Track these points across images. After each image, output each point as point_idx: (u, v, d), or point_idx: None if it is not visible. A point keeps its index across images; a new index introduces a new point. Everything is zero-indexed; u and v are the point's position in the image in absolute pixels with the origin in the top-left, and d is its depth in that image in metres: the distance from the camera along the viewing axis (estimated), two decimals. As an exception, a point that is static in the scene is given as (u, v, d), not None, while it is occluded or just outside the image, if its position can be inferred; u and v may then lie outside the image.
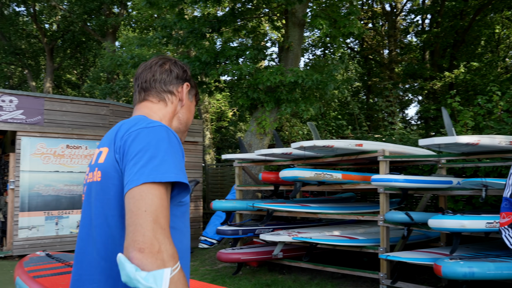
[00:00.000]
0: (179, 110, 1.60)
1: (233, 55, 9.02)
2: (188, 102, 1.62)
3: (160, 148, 1.24)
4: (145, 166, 1.20)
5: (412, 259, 5.01)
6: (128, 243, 1.12)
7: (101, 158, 1.37)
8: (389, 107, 9.98)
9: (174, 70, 1.59)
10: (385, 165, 6.03)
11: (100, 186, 1.33)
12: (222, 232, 7.47)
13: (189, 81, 1.63)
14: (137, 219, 1.13)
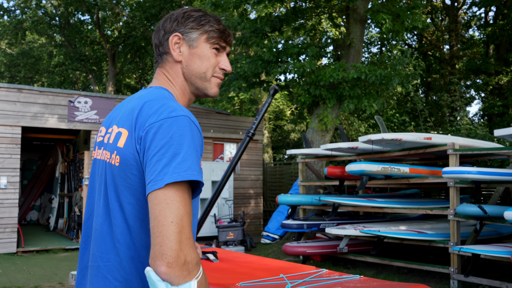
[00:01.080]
0: (185, 63, 1.41)
1: (295, 53, 9.18)
2: (188, 51, 1.40)
3: (183, 144, 1.18)
4: (168, 164, 1.15)
5: (487, 252, 4.93)
6: (155, 255, 1.10)
7: (121, 141, 1.28)
8: (455, 102, 9.73)
9: (161, 29, 1.43)
10: (455, 158, 5.95)
11: (118, 171, 1.26)
12: (288, 226, 7.64)
13: (176, 30, 1.40)
14: (164, 231, 1.10)
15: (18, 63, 26.50)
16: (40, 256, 8.88)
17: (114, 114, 1.43)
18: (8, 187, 9.13)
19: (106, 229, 1.28)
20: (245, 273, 2.73)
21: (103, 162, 1.34)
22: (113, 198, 1.27)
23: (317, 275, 2.51)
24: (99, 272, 1.27)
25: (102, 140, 1.39)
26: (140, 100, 1.30)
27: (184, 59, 1.40)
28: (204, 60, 1.41)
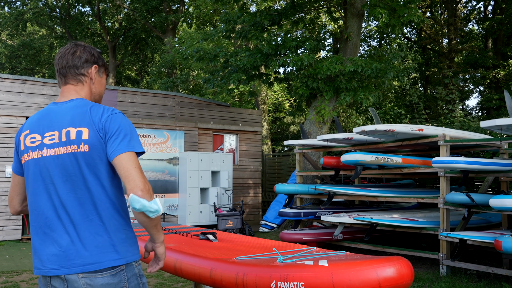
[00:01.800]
0: (92, 86, 2.04)
1: (293, 47, 9.39)
2: (98, 79, 2.05)
3: (130, 129, 1.87)
4: (123, 140, 1.82)
5: (473, 237, 5.18)
6: (132, 187, 1.73)
7: (84, 135, 1.84)
8: (449, 95, 9.95)
9: (83, 56, 2.00)
10: (445, 149, 6.18)
11: (88, 155, 1.84)
12: (285, 214, 7.89)
13: (96, 63, 2.03)
14: (133, 173, 1.76)
15: (19, 54, 26.63)
16: (45, 243, 9.13)
17: (45, 122, 1.93)
18: (13, 176, 9.37)
19: (84, 200, 1.84)
20: (242, 250, 2.98)
21: (62, 156, 1.86)
22: (87, 173, 1.84)
23: (307, 251, 2.75)
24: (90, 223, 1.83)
25: (40, 142, 1.90)
26: (82, 107, 1.91)
27: (95, 83, 2.07)
28: (103, 86, 2.12)
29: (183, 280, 5.95)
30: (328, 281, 2.09)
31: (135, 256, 1.90)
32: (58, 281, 1.82)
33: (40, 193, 1.88)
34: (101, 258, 1.81)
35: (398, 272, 2.07)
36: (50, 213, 1.85)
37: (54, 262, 1.82)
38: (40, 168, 1.89)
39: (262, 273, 2.28)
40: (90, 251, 1.80)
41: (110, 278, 1.81)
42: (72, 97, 1.97)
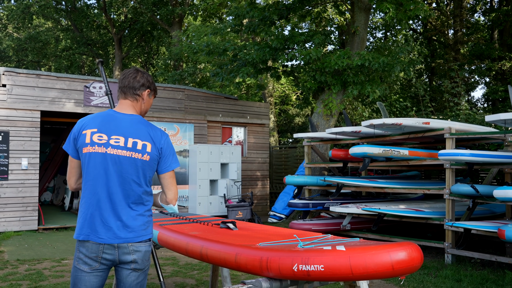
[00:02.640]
0: (143, 104, 2.62)
1: (302, 41, 9.56)
2: (148, 99, 2.64)
3: (173, 149, 2.60)
4: (172, 160, 2.56)
5: (477, 227, 5.39)
6: (171, 198, 2.58)
7: (148, 148, 2.49)
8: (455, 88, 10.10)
9: (140, 81, 2.58)
10: (451, 141, 6.38)
11: (148, 163, 2.49)
12: (294, 205, 8.13)
13: (149, 88, 2.62)
14: (173, 187, 2.57)
15: (26, 47, 26.82)
16: (60, 233, 9.43)
17: (111, 126, 2.49)
18: (29, 168, 9.65)
19: (128, 193, 2.47)
20: (262, 238, 3.21)
21: (125, 158, 2.46)
22: (141, 176, 2.50)
23: (324, 238, 2.98)
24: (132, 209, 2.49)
25: (106, 141, 2.46)
26: (143, 124, 2.55)
27: (145, 103, 2.66)
28: (149, 105, 2.70)
29: (198, 268, 6.21)
30: (346, 264, 2.32)
31: (151, 234, 2.61)
32: (110, 248, 2.42)
33: (99, 179, 2.45)
34: (140, 234, 2.50)
35: (409, 255, 2.29)
36: (103, 196, 2.45)
37: (108, 233, 2.42)
38: (102, 160, 2.45)
39: (284, 257, 2.51)
40: (131, 229, 2.47)
41: (147, 247, 2.53)
42: (130, 111, 2.58)
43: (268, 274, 2.58)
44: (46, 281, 5.38)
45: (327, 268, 2.35)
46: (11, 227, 9.36)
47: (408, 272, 2.31)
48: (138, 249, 2.48)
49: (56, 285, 5.20)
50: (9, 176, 9.42)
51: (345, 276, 2.33)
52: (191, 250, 3.19)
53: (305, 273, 2.41)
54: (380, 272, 2.27)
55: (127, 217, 2.45)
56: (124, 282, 2.49)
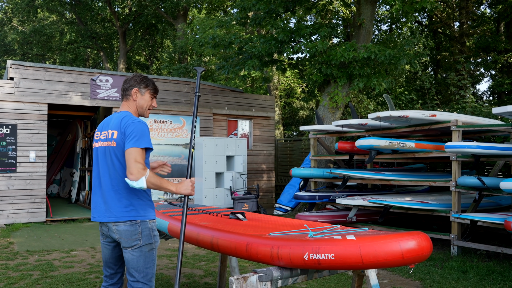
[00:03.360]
0: (135, 102, 3.02)
1: (307, 34, 9.55)
2: (139, 96, 3.02)
3: (140, 132, 2.79)
4: (132, 139, 2.75)
5: (483, 218, 5.42)
6: (127, 173, 2.74)
7: (115, 135, 2.85)
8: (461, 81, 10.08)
9: (129, 83, 3.04)
10: (458, 134, 6.39)
11: (115, 148, 2.85)
12: (300, 197, 8.17)
13: (136, 86, 3.02)
14: (129, 163, 2.72)
15: (31, 40, 26.87)
16: (68, 225, 9.53)
17: (105, 124, 3.00)
18: (37, 160, 9.74)
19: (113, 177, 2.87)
20: (272, 228, 3.25)
21: (105, 147, 2.90)
22: (115, 160, 2.86)
23: (333, 228, 3.02)
24: (116, 193, 2.86)
25: (99, 137, 2.99)
26: (120, 117, 2.91)
27: (137, 100, 3.04)
28: (145, 101, 3.05)
29: (206, 259, 6.28)
30: (356, 253, 2.36)
31: (148, 215, 2.91)
32: (104, 225, 2.94)
33: (95, 169, 3.01)
34: (121, 215, 2.85)
35: (418, 244, 2.33)
36: (96, 182, 2.98)
37: (98, 213, 2.93)
38: (96, 153, 3.02)
39: (295, 246, 2.55)
40: (116, 209, 2.86)
41: (127, 227, 2.85)
42: (122, 109, 3.05)
43: (278, 263, 2.63)
44: (56, 272, 5.46)
45: (338, 257, 2.39)
46: (19, 219, 9.47)
47: (417, 261, 2.35)
48: (119, 228, 2.85)
49: (66, 275, 5.28)
50: (17, 168, 9.51)
51: (355, 265, 2.37)
52: (202, 240, 3.24)
53: (315, 262, 2.45)
54: (390, 260, 2.31)
55: (110, 199, 2.87)
56: (124, 257, 2.92)
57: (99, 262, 6.01)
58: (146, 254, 2.87)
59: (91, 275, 5.33)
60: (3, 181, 9.36)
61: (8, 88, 9.52)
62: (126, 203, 2.85)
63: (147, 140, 2.82)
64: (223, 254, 4.70)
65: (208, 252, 6.67)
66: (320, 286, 4.92)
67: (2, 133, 9.39)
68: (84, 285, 4.87)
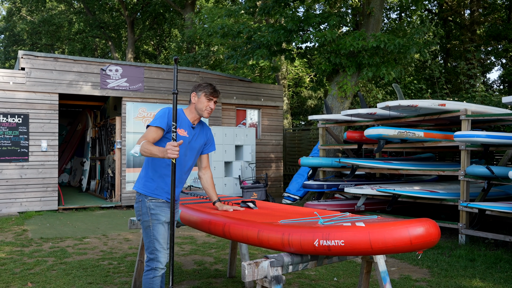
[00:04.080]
0: (195, 104, 3.40)
1: (316, 23, 9.52)
2: (196, 100, 3.39)
3: (157, 114, 3.33)
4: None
5: (492, 207, 5.44)
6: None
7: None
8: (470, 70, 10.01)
9: (192, 88, 3.47)
10: (467, 123, 6.39)
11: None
12: (309, 186, 8.23)
13: (195, 91, 3.43)
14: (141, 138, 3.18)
15: (40, 30, 27.00)
16: (80, 213, 9.68)
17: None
18: (48, 150, 9.88)
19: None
20: (283, 216, 3.32)
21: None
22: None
23: (343, 216, 3.08)
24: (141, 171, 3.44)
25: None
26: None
27: (195, 103, 3.43)
28: (200, 103, 3.39)
29: (216, 246, 6.37)
30: (366, 239, 2.42)
31: (148, 193, 3.29)
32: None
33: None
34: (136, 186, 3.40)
35: (427, 231, 2.38)
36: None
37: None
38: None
39: (306, 233, 2.61)
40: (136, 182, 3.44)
41: (137, 198, 3.37)
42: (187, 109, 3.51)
43: (289, 250, 2.70)
44: (70, 258, 5.59)
45: (348, 243, 2.45)
46: (32, 207, 9.64)
47: (425, 247, 2.40)
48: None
49: (80, 261, 5.40)
50: (30, 157, 9.66)
51: (364, 251, 2.43)
52: (214, 227, 3.31)
53: (326, 248, 2.51)
54: (399, 246, 2.37)
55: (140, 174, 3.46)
56: None
57: (111, 249, 6.13)
58: (144, 230, 3.31)
59: (104, 261, 5.45)
60: (16, 170, 9.51)
61: (19, 78, 9.63)
62: (140, 178, 3.39)
63: (154, 119, 3.24)
64: (233, 242, 4.79)
65: (218, 240, 6.77)
66: (329, 272, 5.00)
67: (14, 122, 9.53)
68: (97, 271, 4.99)
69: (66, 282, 4.56)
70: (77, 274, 4.83)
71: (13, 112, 9.52)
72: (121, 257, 5.67)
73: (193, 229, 7.39)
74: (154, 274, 3.19)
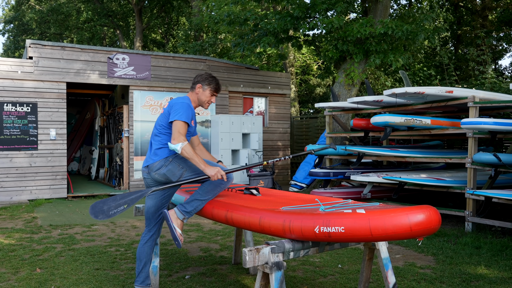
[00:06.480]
0: (197, 95, 3.68)
1: (323, 9, 9.43)
2: (201, 91, 3.66)
3: (179, 107, 3.46)
4: (172, 114, 3.47)
5: (498, 195, 5.40)
6: (171, 138, 3.43)
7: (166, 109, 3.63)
8: (480, 56, 9.87)
9: (197, 78, 3.69)
10: (474, 110, 6.32)
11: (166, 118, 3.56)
12: (315, 174, 8.23)
13: (201, 83, 3.65)
14: (173, 131, 3.40)
15: (48, 19, 27.07)
16: (88, 201, 9.80)
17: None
18: (57, 138, 9.97)
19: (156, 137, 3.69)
20: (285, 202, 3.33)
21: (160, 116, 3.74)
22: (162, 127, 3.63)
23: (344, 203, 3.08)
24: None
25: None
26: (176, 99, 3.68)
27: (198, 93, 3.70)
28: (204, 96, 3.68)
29: (222, 234, 6.42)
30: (366, 225, 2.42)
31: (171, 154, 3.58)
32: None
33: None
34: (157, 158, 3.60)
35: (427, 217, 2.37)
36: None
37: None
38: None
39: (306, 219, 2.63)
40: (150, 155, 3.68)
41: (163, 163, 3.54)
42: (187, 95, 3.70)
43: (290, 236, 2.71)
44: (78, 245, 5.67)
45: (348, 230, 2.46)
46: (42, 194, 9.76)
47: (425, 234, 2.40)
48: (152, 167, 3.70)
49: (88, 248, 5.48)
50: (39, 146, 9.76)
51: (364, 237, 2.44)
52: (217, 214, 3.34)
53: (326, 234, 2.53)
54: (399, 233, 2.37)
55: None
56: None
57: (119, 236, 6.21)
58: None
59: (111, 248, 5.52)
60: (25, 158, 9.63)
61: (27, 67, 9.69)
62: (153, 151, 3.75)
63: (182, 115, 3.45)
64: (238, 229, 4.82)
65: (224, 227, 6.82)
66: (333, 259, 5.02)
67: (23, 111, 9.62)
68: (105, 257, 5.06)
69: (74, 268, 4.63)
70: (85, 260, 4.91)
71: (21, 101, 9.60)
72: (128, 244, 5.74)
73: (200, 217, 7.45)
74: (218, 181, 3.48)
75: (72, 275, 4.37)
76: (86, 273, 4.46)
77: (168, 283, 4.17)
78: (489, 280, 4.23)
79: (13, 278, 4.29)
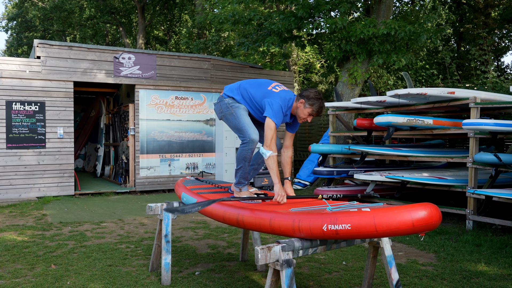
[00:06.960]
0: (298, 108, 3.75)
1: (327, 9, 9.55)
2: (302, 107, 3.72)
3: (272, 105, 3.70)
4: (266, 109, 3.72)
5: (498, 194, 5.55)
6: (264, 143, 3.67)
7: None
8: (482, 56, 9.99)
9: (305, 92, 3.72)
10: (476, 111, 6.46)
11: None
12: (319, 172, 8.38)
13: (305, 100, 3.69)
14: (265, 132, 3.67)
15: (51, 16, 27.19)
16: (95, 198, 9.97)
17: None
18: (64, 136, 10.13)
19: None
20: (293, 204, 3.49)
21: None
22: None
23: (350, 203, 3.23)
24: None
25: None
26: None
27: (298, 108, 3.77)
28: (301, 112, 3.75)
29: (228, 231, 6.58)
30: (371, 222, 2.57)
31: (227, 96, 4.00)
32: None
33: None
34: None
35: (428, 214, 2.53)
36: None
37: None
38: None
39: (315, 218, 2.78)
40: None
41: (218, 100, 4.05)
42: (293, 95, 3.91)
43: (300, 235, 2.87)
44: (89, 242, 5.84)
45: (354, 227, 2.61)
46: (50, 192, 9.94)
47: (427, 229, 2.55)
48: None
49: (99, 245, 5.65)
50: (47, 144, 9.93)
51: (370, 234, 2.59)
52: (228, 217, 3.49)
53: (333, 232, 2.68)
54: (402, 229, 2.52)
55: None
56: None
57: (128, 234, 6.37)
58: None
59: (122, 245, 5.68)
60: (34, 156, 9.80)
61: (35, 66, 9.85)
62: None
63: (276, 118, 3.66)
64: (245, 227, 4.97)
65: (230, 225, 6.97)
66: (338, 256, 5.18)
67: (31, 110, 9.78)
68: (116, 254, 5.23)
69: (87, 264, 4.80)
70: (97, 257, 5.07)
71: (30, 100, 9.76)
72: (138, 241, 5.90)
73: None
74: (248, 146, 3.80)
75: (86, 271, 4.54)
76: (100, 269, 4.62)
77: (179, 279, 4.33)
78: (489, 277, 4.38)
79: (30, 274, 4.45)
